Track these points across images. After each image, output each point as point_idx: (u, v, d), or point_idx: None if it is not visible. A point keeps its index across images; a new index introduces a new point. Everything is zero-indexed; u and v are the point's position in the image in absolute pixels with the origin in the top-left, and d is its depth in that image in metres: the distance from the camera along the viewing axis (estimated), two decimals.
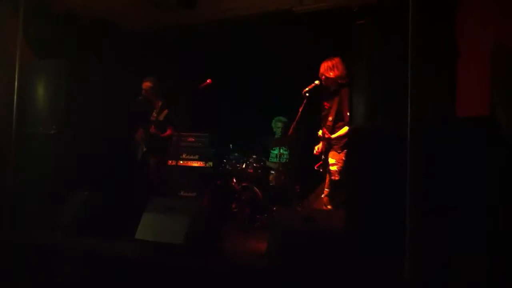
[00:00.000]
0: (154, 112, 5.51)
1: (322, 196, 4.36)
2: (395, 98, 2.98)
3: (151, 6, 5.23)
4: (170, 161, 5.92)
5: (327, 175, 4.25)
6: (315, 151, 4.43)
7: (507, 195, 2.53)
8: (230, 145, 5.99)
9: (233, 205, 5.36)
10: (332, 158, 4.18)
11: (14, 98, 4.36)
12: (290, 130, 4.62)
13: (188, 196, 6.02)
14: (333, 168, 4.15)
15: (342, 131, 4.16)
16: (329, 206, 4.20)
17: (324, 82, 4.30)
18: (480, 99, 3.17)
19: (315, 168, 4.47)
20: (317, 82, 4.32)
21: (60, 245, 3.90)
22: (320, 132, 4.24)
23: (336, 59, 4.27)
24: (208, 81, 5.17)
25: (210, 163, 6.20)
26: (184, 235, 3.49)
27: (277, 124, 6.22)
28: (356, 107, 3.37)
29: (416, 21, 2.79)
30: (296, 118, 4.49)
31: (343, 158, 4.11)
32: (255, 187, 5.34)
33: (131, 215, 3.89)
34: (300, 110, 4.42)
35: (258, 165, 5.66)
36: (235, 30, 5.75)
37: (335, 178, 4.12)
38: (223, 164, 5.88)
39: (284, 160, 5.91)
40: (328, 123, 4.25)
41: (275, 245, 3.28)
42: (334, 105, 4.24)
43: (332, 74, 4.23)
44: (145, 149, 5.39)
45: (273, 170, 5.77)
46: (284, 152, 5.96)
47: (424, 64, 2.92)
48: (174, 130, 5.49)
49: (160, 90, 5.55)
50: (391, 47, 3.19)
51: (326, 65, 4.27)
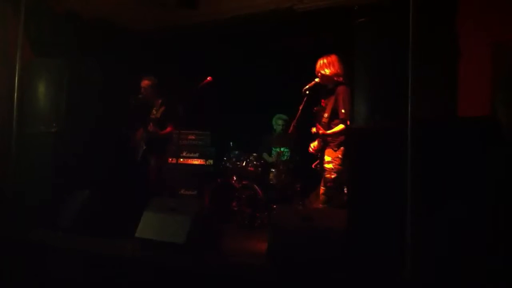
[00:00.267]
0: (153, 110, 5.51)
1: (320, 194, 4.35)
2: (396, 98, 2.97)
3: (152, 6, 5.22)
4: (170, 159, 5.93)
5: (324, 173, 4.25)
6: (311, 148, 4.42)
7: (507, 195, 2.53)
8: (230, 143, 5.97)
9: (233, 204, 5.36)
10: (328, 156, 4.17)
11: (15, 97, 4.36)
12: (291, 128, 4.62)
13: (188, 194, 6.03)
14: (328, 166, 4.13)
15: (337, 128, 4.13)
16: (326, 205, 4.17)
17: (320, 80, 4.30)
18: (481, 99, 3.18)
19: (312, 167, 4.47)
20: (317, 80, 4.31)
21: (60, 244, 3.91)
22: (314, 129, 4.22)
23: (332, 56, 4.25)
24: (208, 78, 5.17)
25: (211, 161, 6.20)
26: (185, 234, 3.48)
27: (278, 122, 6.22)
28: (356, 106, 3.36)
29: (417, 20, 2.78)
30: (297, 116, 4.49)
31: (339, 156, 4.10)
32: (255, 186, 5.33)
33: (131, 214, 3.89)
34: (300, 108, 4.42)
35: (258, 163, 5.66)
36: (235, 29, 5.73)
37: (330, 176, 4.11)
38: (223, 162, 5.87)
39: (285, 158, 5.91)
40: (324, 120, 4.23)
41: (275, 244, 3.29)
42: (330, 102, 4.23)
43: (328, 72, 4.21)
44: (144, 147, 5.39)
45: (273, 168, 5.76)
46: (285, 150, 5.96)
47: (425, 64, 2.92)
48: (174, 127, 5.48)
49: (159, 89, 5.55)
50: (391, 46, 3.18)
51: (322, 63, 4.26)
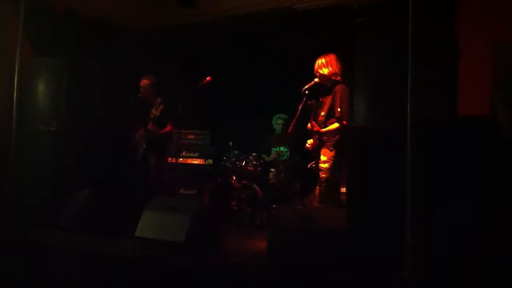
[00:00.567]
0: (153, 109, 5.50)
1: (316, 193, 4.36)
2: (396, 97, 2.97)
3: (152, 5, 5.22)
4: (170, 159, 5.93)
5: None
6: (307, 145, 4.42)
7: (507, 194, 2.53)
8: (230, 142, 5.97)
9: (233, 203, 5.36)
10: (324, 155, 4.18)
11: (15, 96, 4.36)
12: (290, 128, 4.62)
13: (188, 193, 6.04)
14: (323, 165, 4.14)
15: (332, 126, 4.15)
16: (322, 204, 4.18)
17: (319, 79, 4.30)
18: (481, 99, 3.18)
19: (308, 167, 4.47)
20: (316, 80, 4.31)
21: (60, 244, 3.91)
22: (309, 125, 4.23)
23: (330, 56, 4.26)
24: (208, 78, 5.17)
25: (210, 161, 6.21)
26: (184, 233, 3.49)
27: (278, 121, 6.21)
28: (356, 106, 3.36)
29: (417, 19, 2.79)
30: (296, 116, 4.49)
31: (334, 155, 4.11)
32: (255, 185, 5.33)
33: (131, 214, 3.89)
34: (300, 108, 4.42)
35: (258, 163, 5.65)
36: (235, 28, 5.74)
37: (326, 175, 4.12)
38: (223, 162, 5.86)
39: (284, 157, 5.91)
40: (320, 118, 4.25)
41: (274, 244, 3.29)
42: (327, 101, 4.23)
43: (326, 71, 4.22)
44: (144, 146, 5.38)
45: (273, 167, 5.76)
46: (284, 149, 5.96)
47: (425, 63, 2.92)
48: (173, 126, 5.47)
49: (158, 88, 5.54)
50: (391, 46, 3.19)
51: (320, 62, 4.26)
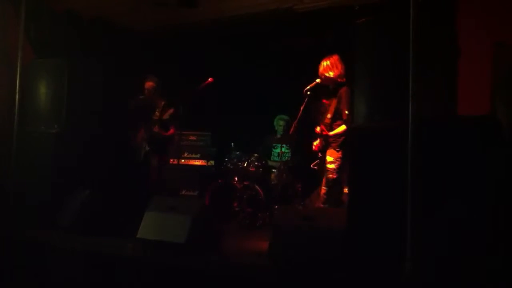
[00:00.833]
0: (156, 112, 5.50)
1: (321, 194, 4.36)
2: (396, 98, 2.97)
3: (153, 5, 5.22)
4: (171, 160, 5.94)
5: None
6: (313, 147, 4.43)
7: (507, 194, 2.53)
8: (232, 143, 5.98)
9: (234, 204, 5.36)
10: (330, 156, 4.20)
11: (16, 97, 4.37)
12: (292, 129, 4.63)
13: (189, 195, 6.05)
14: (330, 166, 4.16)
15: (340, 129, 4.17)
16: (327, 205, 4.19)
17: (323, 81, 4.30)
18: (482, 99, 3.17)
19: (311, 167, 4.47)
20: (318, 80, 4.32)
21: (60, 244, 3.92)
22: (318, 129, 4.24)
23: (334, 57, 4.27)
24: (209, 79, 5.17)
25: (212, 162, 6.23)
26: (186, 234, 3.49)
27: (279, 123, 6.21)
28: (357, 106, 3.36)
29: (417, 19, 2.78)
30: (298, 117, 4.49)
31: (341, 156, 4.12)
32: (256, 186, 5.33)
33: (132, 215, 3.89)
34: (301, 108, 4.42)
35: (259, 164, 5.65)
36: (235, 29, 5.74)
37: (332, 176, 4.13)
38: (224, 163, 5.87)
39: (286, 158, 5.90)
40: (326, 120, 4.26)
41: (276, 244, 3.29)
42: (333, 103, 4.25)
43: (332, 74, 4.23)
44: (147, 148, 5.38)
45: (274, 168, 5.76)
46: (286, 150, 5.95)
47: (425, 64, 2.91)
48: (176, 129, 5.49)
49: (161, 90, 5.55)
50: (392, 46, 3.18)
51: (325, 65, 4.27)
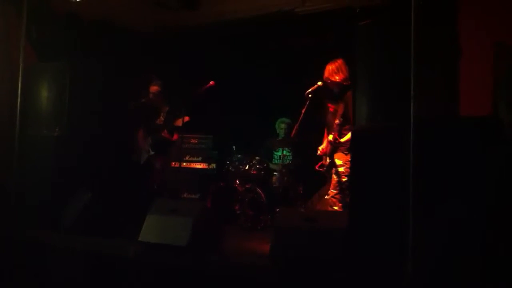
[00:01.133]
0: (161, 116, 5.48)
1: (327, 197, 4.35)
2: (398, 99, 2.97)
3: (155, 8, 5.23)
4: (173, 163, 5.93)
5: (333, 176, 4.26)
6: (319, 152, 4.42)
7: (508, 195, 2.52)
8: (233, 146, 5.97)
9: (236, 207, 5.35)
10: (339, 159, 4.21)
11: (18, 100, 4.39)
12: (293, 132, 4.62)
13: (191, 198, 6.04)
14: (341, 169, 4.17)
15: (350, 135, 4.15)
16: (336, 207, 4.19)
17: (329, 85, 4.29)
18: (483, 99, 3.17)
19: (316, 168, 4.46)
20: (319, 83, 4.32)
21: (60, 244, 3.93)
22: (331, 137, 4.22)
23: (339, 61, 4.26)
24: (211, 82, 5.18)
25: (213, 165, 6.22)
26: (187, 236, 3.48)
27: (281, 126, 6.20)
28: (358, 108, 3.36)
29: (418, 20, 2.79)
30: (299, 120, 4.49)
31: (350, 159, 4.11)
32: (258, 189, 5.32)
33: (134, 217, 3.89)
34: (303, 111, 4.42)
35: (261, 167, 5.64)
36: (237, 32, 5.74)
37: (345, 179, 4.13)
38: (226, 166, 5.86)
39: (287, 161, 5.90)
40: (335, 126, 4.24)
41: (278, 246, 3.28)
42: (340, 108, 4.23)
43: (337, 78, 4.22)
44: (152, 152, 5.37)
45: (276, 171, 5.75)
46: (287, 153, 5.94)
47: (427, 65, 2.92)
48: (178, 133, 5.49)
49: (164, 93, 5.56)
50: (393, 47, 3.19)
51: (330, 69, 4.26)
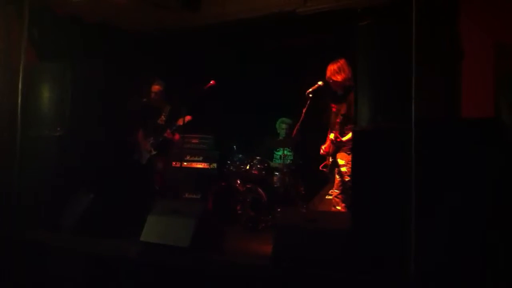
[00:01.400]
0: (162, 116, 5.49)
1: (330, 197, 4.35)
2: (399, 100, 2.97)
3: (156, 9, 5.23)
4: (174, 163, 5.93)
5: (336, 176, 4.26)
6: (321, 151, 4.42)
7: (509, 195, 2.52)
8: (234, 146, 5.98)
9: (237, 207, 5.36)
10: (342, 159, 4.20)
11: (19, 101, 4.39)
12: (294, 131, 4.62)
13: (192, 198, 6.04)
14: (343, 169, 4.17)
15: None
16: (339, 207, 4.20)
17: (331, 85, 4.29)
18: (485, 100, 3.17)
19: (320, 168, 4.46)
20: (320, 83, 4.32)
21: (63, 245, 3.93)
22: (332, 136, 4.22)
23: (341, 61, 4.27)
24: (211, 82, 5.18)
25: (214, 165, 6.21)
26: (189, 237, 3.48)
27: (282, 126, 6.20)
28: (359, 108, 3.36)
29: (419, 21, 2.79)
30: (300, 120, 4.49)
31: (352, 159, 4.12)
32: (259, 189, 5.33)
33: (136, 217, 3.89)
34: (303, 111, 4.42)
35: (262, 167, 5.64)
36: (238, 32, 5.74)
37: (347, 179, 4.12)
38: (227, 166, 5.87)
39: (288, 161, 5.90)
40: (337, 126, 4.25)
41: (279, 246, 3.28)
42: (343, 108, 4.24)
43: (339, 78, 4.23)
44: (154, 152, 5.37)
45: (277, 171, 5.76)
46: (288, 153, 5.95)
47: (428, 65, 2.92)
48: (179, 133, 5.50)
49: (166, 94, 5.56)
50: (394, 48, 3.18)
51: (332, 69, 4.26)
